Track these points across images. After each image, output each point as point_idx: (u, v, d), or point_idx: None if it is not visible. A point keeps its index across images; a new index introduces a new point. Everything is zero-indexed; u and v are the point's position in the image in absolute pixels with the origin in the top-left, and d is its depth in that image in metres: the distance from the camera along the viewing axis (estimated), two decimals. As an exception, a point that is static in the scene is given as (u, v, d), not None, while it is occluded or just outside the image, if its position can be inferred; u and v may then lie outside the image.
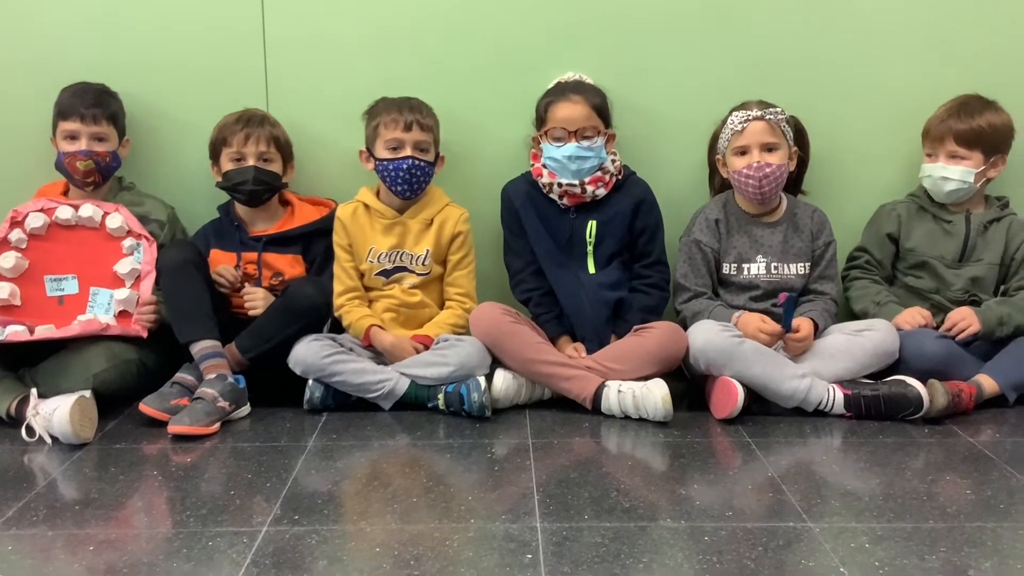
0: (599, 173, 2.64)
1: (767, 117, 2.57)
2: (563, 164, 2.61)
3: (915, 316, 2.61)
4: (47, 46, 2.79)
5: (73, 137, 2.64)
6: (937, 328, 2.59)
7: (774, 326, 2.50)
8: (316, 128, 2.85)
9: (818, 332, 2.58)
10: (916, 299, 2.71)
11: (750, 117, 2.58)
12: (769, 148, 2.58)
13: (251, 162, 2.66)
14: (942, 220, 2.71)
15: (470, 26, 2.81)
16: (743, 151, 2.60)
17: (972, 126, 2.62)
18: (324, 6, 2.80)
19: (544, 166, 2.66)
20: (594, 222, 2.66)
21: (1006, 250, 2.69)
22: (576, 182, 2.62)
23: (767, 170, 2.56)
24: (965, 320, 2.55)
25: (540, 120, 2.67)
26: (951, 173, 2.64)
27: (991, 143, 2.64)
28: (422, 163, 2.63)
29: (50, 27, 2.79)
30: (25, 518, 1.86)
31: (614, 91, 2.69)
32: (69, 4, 2.78)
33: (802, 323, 2.53)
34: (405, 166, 2.61)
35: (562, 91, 2.64)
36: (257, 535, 1.76)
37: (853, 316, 2.74)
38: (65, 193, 2.72)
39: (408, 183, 2.63)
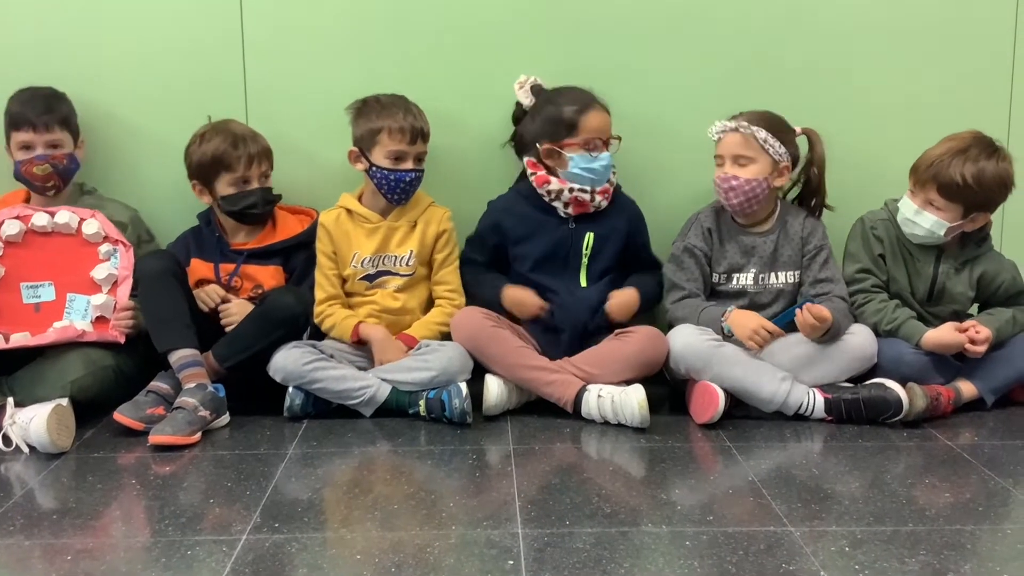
0: (607, 184, 2.64)
1: (741, 130, 2.54)
2: (600, 174, 2.61)
3: (952, 335, 2.48)
4: (16, 52, 2.76)
5: (28, 147, 2.60)
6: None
7: (774, 327, 2.46)
8: (297, 134, 2.83)
9: (833, 329, 2.48)
10: None
11: (727, 128, 2.56)
12: (740, 162, 2.55)
13: (256, 184, 2.64)
14: (914, 257, 2.62)
15: (452, 29, 2.81)
16: (720, 162, 2.59)
17: (958, 179, 2.43)
18: (303, 11, 2.79)
19: (561, 177, 2.62)
20: (592, 234, 2.65)
21: (981, 294, 2.64)
22: (588, 188, 2.61)
23: (733, 183, 2.54)
24: (982, 348, 2.48)
25: (567, 129, 2.58)
26: (922, 221, 2.51)
27: (975, 201, 2.47)
28: (421, 173, 2.64)
29: (20, 32, 2.76)
30: (2, 528, 1.84)
31: (602, 93, 2.66)
32: (42, 8, 2.75)
33: (821, 309, 2.44)
34: (408, 179, 2.61)
35: (586, 98, 2.61)
36: (237, 543, 1.75)
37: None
38: (27, 201, 2.69)
39: (405, 192, 2.63)
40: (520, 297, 2.62)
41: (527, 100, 2.70)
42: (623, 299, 2.63)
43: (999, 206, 2.56)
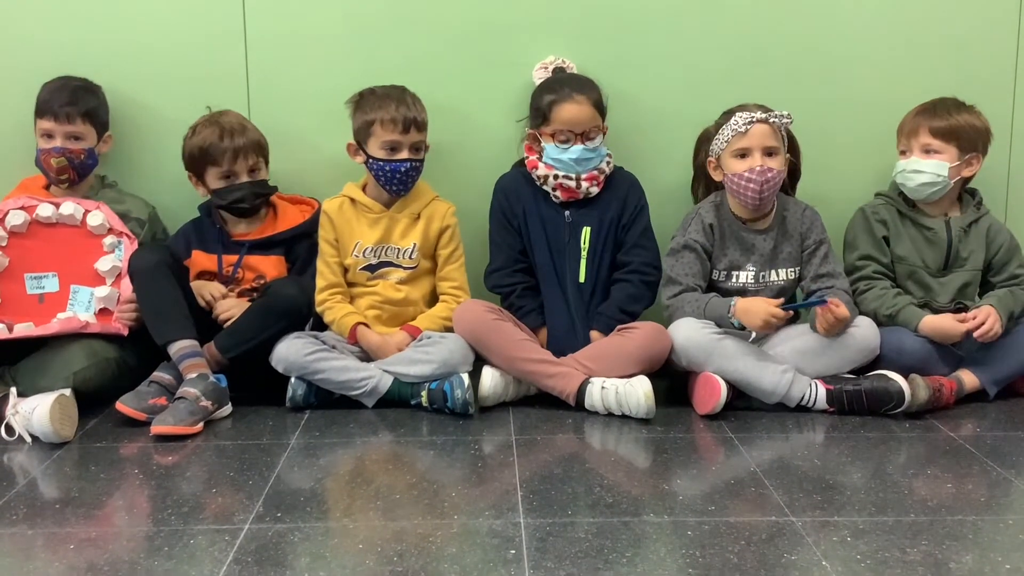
0: (595, 172, 2.63)
1: (771, 121, 2.52)
2: (569, 166, 2.61)
3: (951, 322, 2.50)
4: (29, 39, 2.77)
5: (49, 135, 2.62)
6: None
7: (782, 313, 2.43)
8: (299, 124, 2.83)
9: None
10: None
11: (754, 119, 2.51)
12: (770, 152, 2.52)
13: (244, 178, 2.63)
14: (923, 227, 2.65)
15: (455, 18, 2.80)
16: (743, 154, 2.53)
17: (948, 121, 2.59)
18: (306, 2, 2.79)
19: (544, 163, 2.64)
20: (588, 229, 2.65)
21: (987, 253, 2.66)
22: (573, 175, 2.61)
23: (769, 175, 2.50)
24: (989, 324, 2.47)
25: (542, 118, 2.61)
26: (924, 166, 2.59)
27: (967, 139, 2.60)
28: (418, 163, 2.63)
29: (32, 20, 2.76)
30: (5, 517, 1.84)
31: (602, 83, 2.67)
32: (43, 2, 2.76)
33: (842, 309, 2.45)
34: (403, 169, 2.60)
35: (566, 90, 2.60)
36: (239, 532, 1.75)
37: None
38: (46, 187, 2.71)
39: (403, 183, 2.63)
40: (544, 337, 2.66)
41: (537, 81, 2.72)
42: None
43: (986, 152, 2.66)
